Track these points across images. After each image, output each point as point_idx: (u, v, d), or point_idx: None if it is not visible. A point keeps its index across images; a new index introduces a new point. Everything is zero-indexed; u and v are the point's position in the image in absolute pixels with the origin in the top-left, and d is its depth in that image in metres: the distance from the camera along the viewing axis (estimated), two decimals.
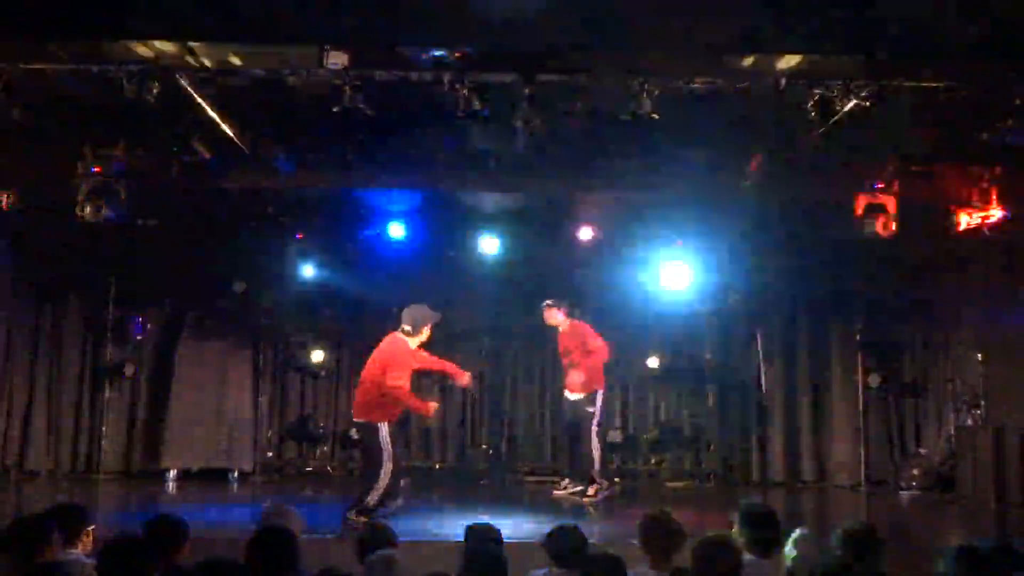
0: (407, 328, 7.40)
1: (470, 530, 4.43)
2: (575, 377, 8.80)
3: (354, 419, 7.61)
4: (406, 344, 7.40)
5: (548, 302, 9.09)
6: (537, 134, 7.23)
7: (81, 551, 4.16)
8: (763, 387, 10.91)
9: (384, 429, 7.24)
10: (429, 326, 7.47)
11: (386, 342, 7.46)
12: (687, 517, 4.42)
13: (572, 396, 8.94)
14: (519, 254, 10.44)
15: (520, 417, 11.22)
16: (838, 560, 3.93)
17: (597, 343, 8.79)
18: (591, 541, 4.33)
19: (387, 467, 7.22)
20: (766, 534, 4.09)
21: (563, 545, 4.17)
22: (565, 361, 9.02)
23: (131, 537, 3.78)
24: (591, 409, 8.79)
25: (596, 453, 8.76)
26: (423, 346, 7.61)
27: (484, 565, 3.83)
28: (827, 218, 9.11)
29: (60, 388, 10.66)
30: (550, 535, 4.24)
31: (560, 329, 9.09)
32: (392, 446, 7.32)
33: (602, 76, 6.69)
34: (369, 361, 7.46)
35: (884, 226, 8.14)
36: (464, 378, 8.01)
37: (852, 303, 10.84)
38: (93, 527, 4.33)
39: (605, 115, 7.09)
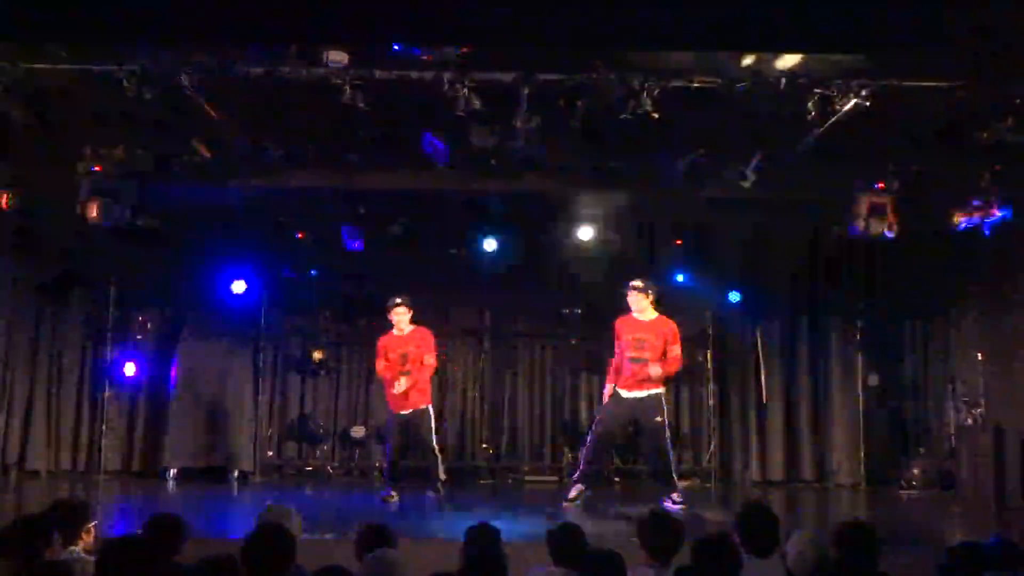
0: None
1: (470, 530, 4.43)
2: (652, 372, 8.09)
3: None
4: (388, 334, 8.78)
5: (638, 284, 8.28)
6: (537, 133, 7.25)
7: (82, 548, 4.17)
8: (763, 387, 10.91)
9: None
10: (388, 314, 8.73)
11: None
12: (687, 516, 4.42)
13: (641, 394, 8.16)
14: (519, 253, 10.45)
15: (520, 417, 11.21)
16: (835, 558, 3.94)
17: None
18: (591, 540, 4.33)
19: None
20: (765, 533, 4.09)
21: (563, 544, 4.18)
22: (637, 354, 8.15)
23: (131, 536, 3.79)
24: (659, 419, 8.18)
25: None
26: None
27: (484, 564, 3.83)
28: (827, 218, 9.10)
29: (61, 388, 10.67)
30: (550, 534, 4.25)
31: (642, 317, 8.28)
32: (387, 434, 8.78)
33: (602, 74, 6.69)
34: None
35: (884, 226, 8.15)
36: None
37: (852, 303, 10.85)
38: (95, 523, 4.33)
39: (605, 114, 7.09)
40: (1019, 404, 8.93)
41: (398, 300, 8.71)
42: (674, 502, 7.91)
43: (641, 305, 8.26)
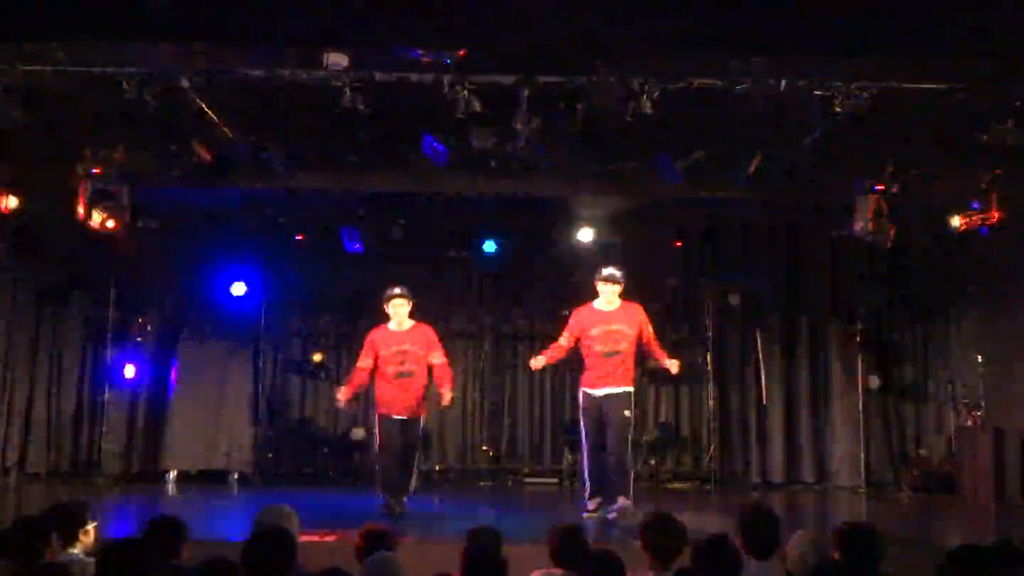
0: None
1: (471, 532, 4.43)
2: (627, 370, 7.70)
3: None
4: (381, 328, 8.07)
5: (617, 274, 7.74)
6: (537, 135, 7.26)
7: (82, 550, 4.17)
8: (763, 387, 10.90)
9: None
10: (386, 305, 7.98)
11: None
12: (687, 518, 4.41)
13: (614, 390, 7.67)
14: (519, 254, 10.44)
15: (520, 418, 11.21)
16: (836, 561, 3.94)
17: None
18: (591, 542, 4.33)
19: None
20: (765, 535, 4.08)
21: (564, 545, 4.17)
22: (610, 347, 7.66)
23: (131, 539, 3.79)
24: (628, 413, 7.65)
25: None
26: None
27: (484, 566, 3.83)
28: (826, 219, 9.11)
29: (61, 388, 10.67)
30: (551, 535, 4.24)
31: (608, 307, 7.78)
32: (380, 436, 8.02)
33: (602, 76, 6.69)
34: None
35: (883, 227, 8.16)
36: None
37: (852, 303, 10.85)
38: (95, 524, 4.33)
39: (605, 115, 7.10)
40: (1019, 405, 8.93)
41: (397, 291, 7.94)
42: (613, 510, 7.35)
43: (615, 298, 7.73)
